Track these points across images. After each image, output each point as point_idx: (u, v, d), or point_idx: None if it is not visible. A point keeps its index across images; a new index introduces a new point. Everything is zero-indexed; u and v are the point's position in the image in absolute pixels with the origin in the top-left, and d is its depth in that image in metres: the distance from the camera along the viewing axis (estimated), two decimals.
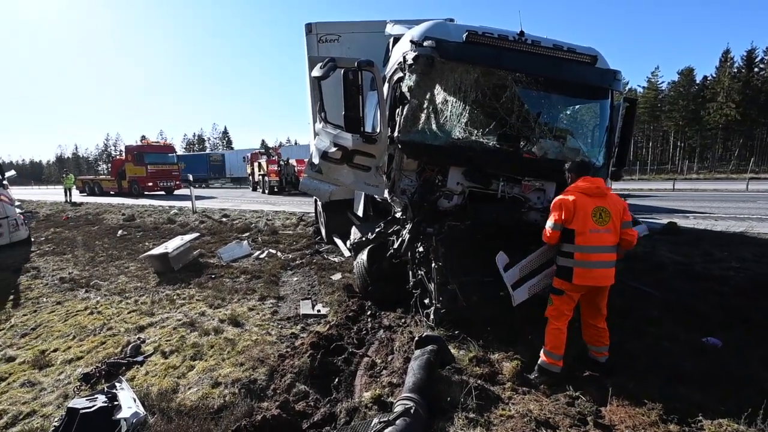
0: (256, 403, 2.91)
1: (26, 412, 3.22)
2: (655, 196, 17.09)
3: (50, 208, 16.50)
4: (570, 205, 2.89)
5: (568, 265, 2.92)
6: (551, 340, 2.93)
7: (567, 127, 4.68)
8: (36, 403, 3.35)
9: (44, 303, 5.96)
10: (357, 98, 3.89)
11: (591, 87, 4.18)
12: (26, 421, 3.10)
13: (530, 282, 3.37)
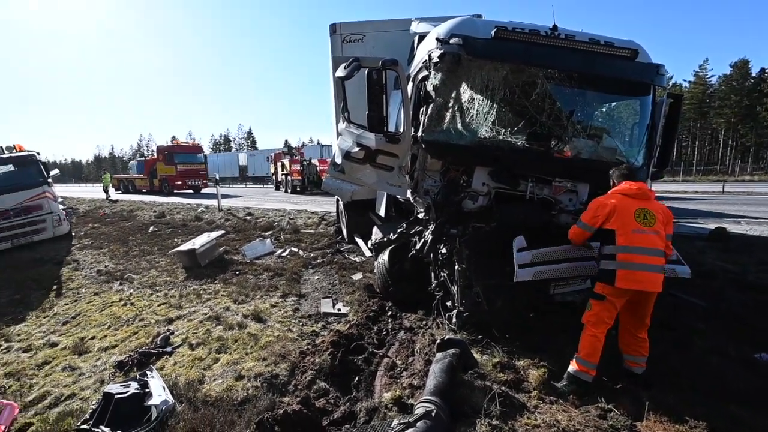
0: (277, 397, 3.03)
1: (67, 394, 3.49)
2: (701, 199, 16.12)
3: (89, 205, 17.63)
4: (605, 206, 2.83)
5: (611, 267, 2.77)
6: (586, 347, 2.79)
7: (603, 126, 4.53)
8: (76, 386, 3.62)
9: (83, 293, 6.41)
10: (381, 98, 3.93)
11: (631, 83, 4.02)
12: (67, 403, 3.37)
13: (538, 268, 3.28)
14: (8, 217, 9.49)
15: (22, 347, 4.68)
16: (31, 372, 4.04)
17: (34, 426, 3.09)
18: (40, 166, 10.39)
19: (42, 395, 3.54)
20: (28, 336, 5.00)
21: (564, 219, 3.93)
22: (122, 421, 2.88)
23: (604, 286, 2.80)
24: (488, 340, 3.47)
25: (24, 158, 10.20)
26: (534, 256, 3.33)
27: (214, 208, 13.27)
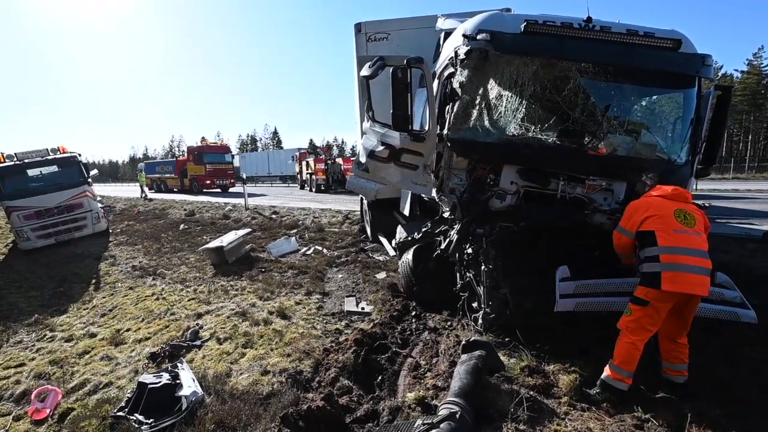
0: (301, 393, 3.10)
1: (105, 382, 3.74)
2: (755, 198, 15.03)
3: (125, 203, 18.65)
4: (641, 206, 2.77)
5: (655, 269, 2.57)
6: (622, 354, 2.63)
7: (642, 121, 4.34)
8: (112, 375, 3.86)
9: (119, 288, 6.80)
10: (405, 96, 3.94)
11: (673, 75, 3.83)
12: (104, 390, 3.60)
13: (582, 299, 3.19)
14: (52, 214, 10.20)
15: (64, 337, 5.04)
16: (73, 360, 4.34)
17: (75, 411, 3.31)
18: (81, 166, 11.11)
19: (82, 382, 3.80)
20: (70, 327, 5.37)
21: (598, 219, 3.80)
22: (155, 410, 3.06)
23: (648, 290, 2.60)
24: (515, 342, 3.40)
25: (67, 159, 10.92)
26: (578, 288, 3.24)
27: (241, 207, 13.70)
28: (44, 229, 10.09)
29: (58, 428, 3.14)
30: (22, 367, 4.28)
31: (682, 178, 3.67)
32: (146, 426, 2.89)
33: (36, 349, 4.77)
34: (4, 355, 4.64)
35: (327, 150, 30.82)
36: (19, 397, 3.68)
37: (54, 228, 10.24)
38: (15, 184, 10.17)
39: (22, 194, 10.05)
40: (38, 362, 4.32)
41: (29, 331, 5.29)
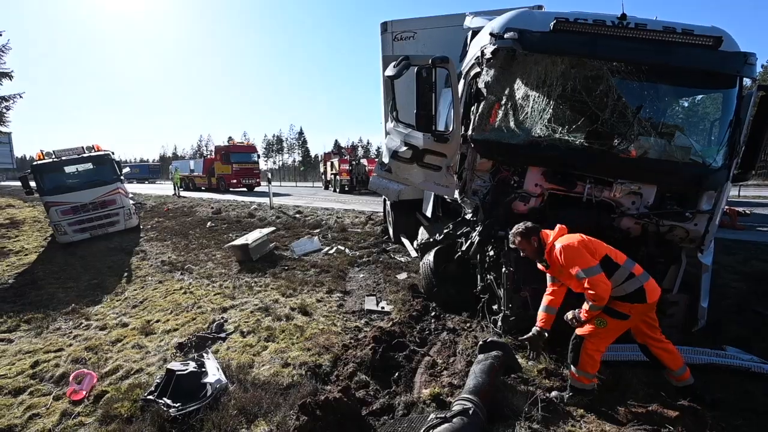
0: (320, 385, 3.29)
1: (136, 368, 4.04)
2: None
3: (155, 201, 19.61)
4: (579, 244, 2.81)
5: (637, 285, 2.75)
6: (587, 361, 2.77)
7: (677, 122, 4.27)
8: (143, 362, 4.17)
9: (149, 281, 7.25)
10: (430, 96, 4.05)
11: (712, 74, 3.74)
12: (135, 376, 3.90)
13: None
14: (88, 210, 10.93)
15: (99, 326, 5.44)
16: (107, 347, 4.69)
17: (108, 394, 3.59)
18: (114, 164, 11.84)
19: (115, 368, 4.11)
20: (104, 316, 5.79)
21: (625, 223, 3.79)
22: (181, 395, 3.30)
23: (633, 306, 2.76)
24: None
25: (101, 157, 11.68)
26: None
27: (266, 206, 14.19)
28: (80, 224, 10.81)
29: (94, 408, 3.43)
30: (61, 351, 4.66)
31: (716, 182, 3.60)
32: (174, 409, 3.13)
33: (73, 335, 5.18)
34: (45, 340, 5.08)
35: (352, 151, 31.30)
36: (59, 379, 4.02)
37: (89, 223, 10.95)
38: (53, 180, 10.93)
39: (59, 190, 10.78)
40: (75, 348, 4.70)
41: (67, 319, 5.74)
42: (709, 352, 3.37)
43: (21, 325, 5.63)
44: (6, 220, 13.60)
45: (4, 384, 3.96)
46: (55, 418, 3.34)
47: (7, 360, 4.55)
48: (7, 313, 6.03)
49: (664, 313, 3.45)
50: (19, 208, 16.38)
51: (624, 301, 2.76)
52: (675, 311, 3.65)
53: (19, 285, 7.57)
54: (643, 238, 3.79)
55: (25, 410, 3.51)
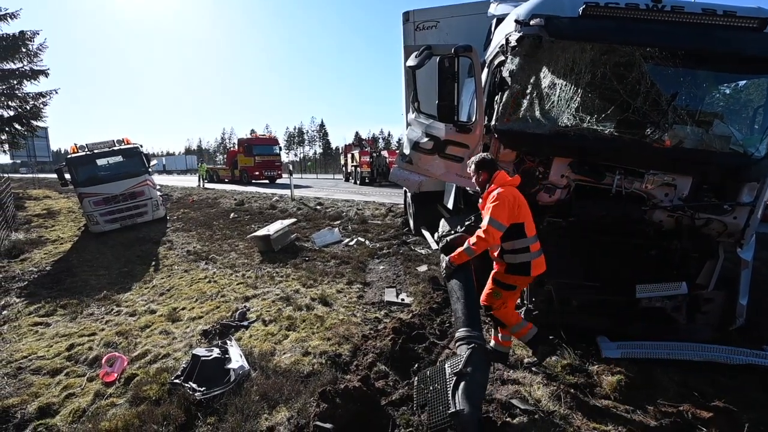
0: (340, 374, 3.33)
1: (163, 353, 4.20)
2: None
3: (181, 192, 20.25)
4: (509, 198, 2.87)
5: (526, 259, 2.96)
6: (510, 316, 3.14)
7: (715, 110, 4.04)
8: (170, 348, 4.33)
9: (175, 270, 7.50)
10: (452, 86, 3.98)
11: (756, 58, 3.52)
12: (163, 360, 4.06)
13: (630, 350, 3.22)
14: (118, 201, 11.37)
15: (128, 312, 5.68)
16: (136, 333, 4.89)
17: (138, 377, 3.75)
18: (143, 157, 12.24)
19: (144, 352, 4.29)
20: (133, 303, 6.04)
21: (658, 216, 3.64)
22: (206, 380, 3.41)
23: (518, 278, 3.04)
24: (558, 340, 3.38)
25: (130, 150, 12.10)
26: (622, 347, 3.32)
27: (287, 198, 14.40)
28: (111, 215, 11.26)
29: (124, 390, 3.60)
30: (94, 335, 4.89)
31: (759, 173, 3.40)
32: (199, 393, 3.25)
33: (105, 321, 5.43)
34: (79, 325, 5.34)
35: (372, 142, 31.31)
36: (92, 361, 4.23)
37: (119, 213, 11.40)
38: (86, 172, 11.41)
39: (92, 182, 11.24)
40: (107, 332, 4.92)
41: (99, 305, 6.02)
42: (748, 352, 3.21)
43: (57, 309, 5.94)
44: (43, 211, 14.34)
45: (43, 365, 4.21)
46: (89, 398, 3.53)
47: (45, 342, 4.82)
48: (45, 298, 6.37)
49: (698, 310, 3.32)
50: (55, 199, 17.23)
51: (509, 273, 3.04)
52: (710, 309, 3.50)
53: (56, 272, 7.97)
54: (677, 232, 3.63)
55: (62, 390, 3.72)
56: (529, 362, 3.20)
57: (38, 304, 6.14)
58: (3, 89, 14.32)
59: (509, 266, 3.05)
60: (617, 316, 3.67)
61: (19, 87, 14.51)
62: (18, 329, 5.30)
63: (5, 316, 5.79)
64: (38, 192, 18.90)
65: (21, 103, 14.64)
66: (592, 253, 3.83)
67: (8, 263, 8.47)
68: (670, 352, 3.03)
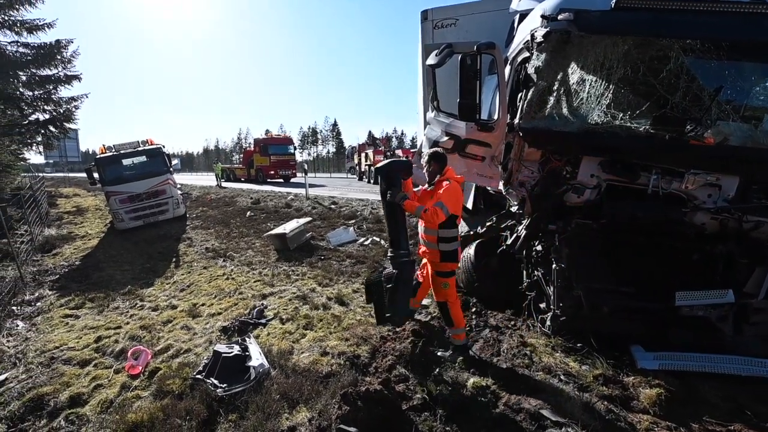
0: (359, 376, 3.21)
1: (185, 348, 4.19)
2: None
3: (199, 191, 20.53)
4: (459, 194, 3.33)
5: (455, 248, 3.41)
6: (459, 317, 3.45)
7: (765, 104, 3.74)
8: (191, 343, 4.31)
9: (195, 267, 7.54)
10: (474, 84, 3.83)
11: None
12: (185, 355, 4.04)
13: (668, 361, 3.00)
14: (141, 199, 11.57)
15: (151, 307, 5.72)
16: (159, 327, 4.91)
17: (161, 371, 3.75)
18: (165, 157, 12.43)
19: (166, 347, 4.29)
20: (156, 298, 6.08)
21: (700, 218, 3.39)
22: (227, 376, 3.38)
23: (452, 264, 3.43)
24: (589, 348, 3.19)
25: (154, 150, 12.30)
26: (658, 358, 3.13)
27: (302, 197, 14.40)
28: (135, 212, 11.49)
29: (149, 383, 3.61)
30: (120, 329, 4.95)
31: None
32: (220, 389, 3.20)
33: (129, 315, 5.48)
34: (106, 318, 5.40)
35: (386, 141, 31.23)
36: (118, 354, 4.27)
37: (142, 211, 11.62)
38: (113, 171, 11.67)
39: (118, 181, 11.50)
40: (132, 326, 4.96)
41: (124, 300, 6.09)
42: None
43: (86, 303, 6.05)
44: (73, 208, 14.74)
45: (73, 356, 4.27)
46: (115, 390, 3.55)
47: (75, 334, 4.90)
48: (75, 291, 6.52)
49: (747, 321, 3.07)
50: (84, 197, 17.71)
51: (444, 261, 3.39)
52: (760, 319, 3.20)
53: (84, 267, 8.14)
54: (722, 235, 3.38)
55: (91, 380, 3.76)
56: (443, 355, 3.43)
57: (68, 297, 6.28)
58: (40, 94, 14.90)
59: (443, 254, 3.39)
60: (653, 324, 3.44)
61: (54, 92, 15.06)
62: (50, 320, 5.43)
63: (39, 308, 5.95)
64: (68, 190, 19.47)
65: (55, 106, 15.18)
66: (624, 257, 3.62)
67: (42, 257, 8.73)
68: (714, 365, 2.80)
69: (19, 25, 13.83)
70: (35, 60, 14.28)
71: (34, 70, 14.53)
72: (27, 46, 14.16)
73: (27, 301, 6.19)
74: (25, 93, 14.64)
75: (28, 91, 14.72)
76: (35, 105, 14.87)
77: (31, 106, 14.77)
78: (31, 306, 6.05)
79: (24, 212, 9.84)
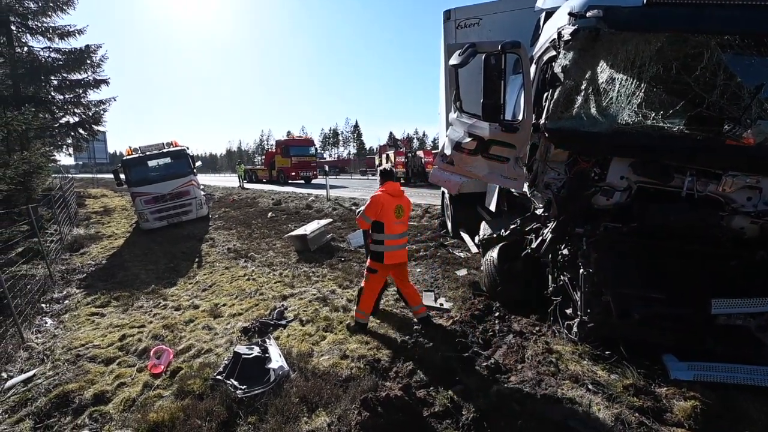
0: (380, 380, 3.20)
1: (206, 348, 4.27)
2: None
3: (222, 192, 21.06)
4: (379, 203, 3.97)
5: (381, 250, 4.05)
6: (366, 302, 4.22)
7: None
8: (212, 343, 4.40)
9: (217, 267, 7.72)
10: (498, 84, 3.77)
11: None
12: (206, 355, 4.12)
13: (704, 372, 2.87)
14: (166, 200, 11.93)
15: (174, 306, 5.88)
16: (181, 327, 5.03)
17: (183, 370, 3.83)
18: (189, 158, 12.78)
19: (188, 347, 4.39)
20: (178, 298, 6.25)
21: (738, 222, 3.23)
22: (247, 378, 3.42)
23: (375, 264, 4.12)
24: (618, 357, 3.09)
25: (178, 152, 12.67)
26: (693, 368, 3.00)
27: (323, 198, 14.55)
28: (159, 213, 11.86)
29: (170, 383, 3.68)
30: (143, 327, 5.10)
31: None
32: (240, 391, 3.25)
33: (153, 314, 5.65)
34: (130, 317, 5.59)
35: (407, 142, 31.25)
36: (141, 353, 4.39)
37: (167, 212, 11.98)
38: (139, 173, 12.07)
39: (143, 182, 11.89)
40: (155, 325, 5.11)
41: (148, 299, 6.29)
42: None
43: (111, 301, 6.27)
44: (101, 208, 15.36)
45: (98, 353, 4.42)
46: (138, 389, 3.64)
47: (100, 332, 5.08)
48: (101, 290, 6.77)
49: None
50: (111, 197, 18.44)
51: (371, 260, 4.16)
52: None
53: (110, 266, 8.46)
54: (762, 241, 3.22)
55: (115, 378, 3.86)
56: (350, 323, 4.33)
57: (95, 295, 6.52)
58: (70, 98, 15.63)
59: (371, 254, 4.16)
60: (686, 332, 3.30)
61: (83, 95, 15.79)
62: (77, 318, 5.65)
63: (67, 306, 6.19)
64: (96, 191, 20.32)
65: (84, 110, 15.88)
66: (655, 262, 3.49)
67: (70, 256, 9.12)
68: (754, 377, 2.65)
69: (51, 31, 14.51)
70: (66, 65, 14.96)
71: (65, 75, 15.24)
72: (58, 51, 14.85)
73: (55, 299, 6.47)
74: (57, 97, 15.34)
75: (59, 95, 15.43)
76: (66, 108, 15.56)
77: (61, 109, 15.46)
78: (59, 303, 6.31)
79: (54, 212, 10.29)
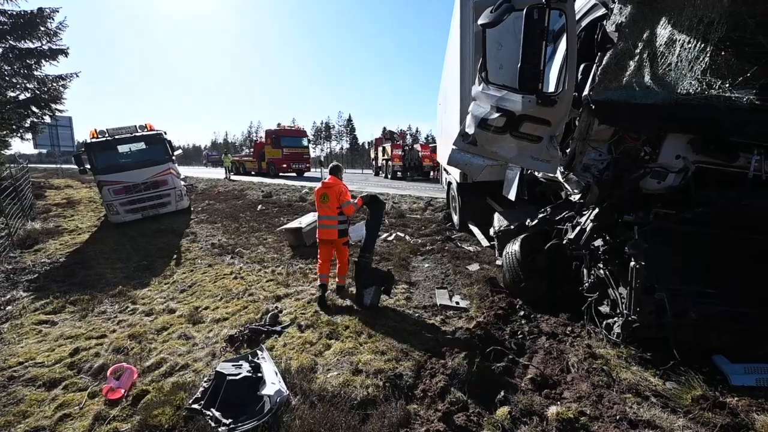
0: (404, 403, 2.65)
1: (181, 363, 3.59)
2: None
3: (206, 184, 20.10)
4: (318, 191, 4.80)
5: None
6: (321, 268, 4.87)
7: None
8: (189, 356, 3.72)
9: (199, 264, 7.02)
10: (540, 45, 3.24)
11: None
12: (180, 373, 3.43)
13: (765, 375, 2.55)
14: (140, 190, 10.94)
15: (145, 311, 5.11)
16: (151, 336, 4.29)
17: (149, 394, 3.14)
18: (167, 144, 11.79)
19: (159, 362, 3.68)
20: (151, 300, 5.51)
21: None
22: (233, 406, 2.76)
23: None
24: (674, 362, 2.67)
25: (153, 136, 11.65)
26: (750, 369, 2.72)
27: None
28: (132, 204, 10.82)
29: (131, 412, 2.96)
30: (103, 338, 4.33)
31: None
32: (224, 427, 2.59)
33: (117, 320, 4.86)
34: (88, 324, 4.78)
35: (403, 136, 30.84)
36: (97, 371, 3.63)
37: (141, 203, 10.95)
38: (106, 159, 10.88)
39: (112, 169, 10.75)
40: (118, 335, 4.35)
41: (113, 302, 5.47)
42: None
43: (67, 306, 5.43)
44: (63, 200, 14.23)
45: (40, 374, 3.62)
46: (87, 422, 2.90)
47: (47, 345, 4.28)
48: (55, 293, 5.89)
49: None
50: (77, 188, 17.24)
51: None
52: None
53: (69, 264, 7.55)
54: None
55: (57, 408, 3.11)
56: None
57: (46, 299, 5.63)
58: (19, 69, 13.71)
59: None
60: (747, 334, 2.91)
61: (36, 67, 13.96)
62: (20, 328, 4.77)
63: (8, 313, 5.28)
64: (60, 181, 19.04)
65: (39, 84, 14.11)
66: (716, 255, 3.08)
67: (20, 254, 8.08)
68: None
69: None
70: (13, 29, 13.13)
71: (12, 42, 13.36)
72: (3, 13, 12.97)
73: None
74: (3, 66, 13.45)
75: (6, 65, 13.50)
76: (14, 82, 13.76)
77: (8, 83, 13.63)
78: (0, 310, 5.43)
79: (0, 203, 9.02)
